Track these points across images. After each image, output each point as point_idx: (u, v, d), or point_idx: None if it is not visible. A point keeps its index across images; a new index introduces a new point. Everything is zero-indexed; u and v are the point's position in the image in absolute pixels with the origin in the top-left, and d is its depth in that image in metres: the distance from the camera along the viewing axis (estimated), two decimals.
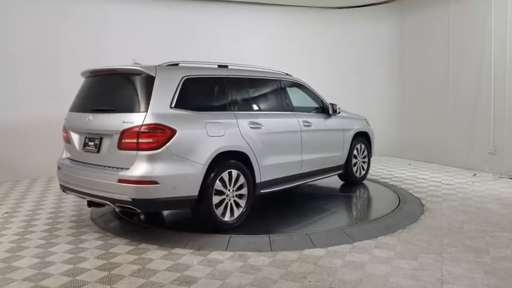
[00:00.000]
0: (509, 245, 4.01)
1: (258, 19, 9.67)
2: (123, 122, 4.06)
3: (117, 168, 4.09)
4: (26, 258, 3.82)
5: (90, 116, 4.42)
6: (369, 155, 7.02)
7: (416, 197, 5.88)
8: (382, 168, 8.38)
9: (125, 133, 4.02)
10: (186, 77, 4.42)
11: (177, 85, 4.31)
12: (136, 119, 4.01)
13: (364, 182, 7.03)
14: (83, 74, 4.89)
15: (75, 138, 4.64)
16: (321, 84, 8.10)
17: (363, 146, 6.83)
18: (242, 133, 4.66)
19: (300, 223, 4.80)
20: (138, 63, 4.54)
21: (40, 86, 7.78)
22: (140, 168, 3.93)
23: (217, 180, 4.32)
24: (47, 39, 7.84)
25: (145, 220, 4.92)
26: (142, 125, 3.97)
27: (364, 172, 6.94)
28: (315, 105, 6.12)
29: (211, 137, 4.34)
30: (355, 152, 6.62)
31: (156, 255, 3.83)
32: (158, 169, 3.95)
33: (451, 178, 7.27)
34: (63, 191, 4.78)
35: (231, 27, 9.36)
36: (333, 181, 6.76)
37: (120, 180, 3.96)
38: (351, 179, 6.71)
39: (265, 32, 9.68)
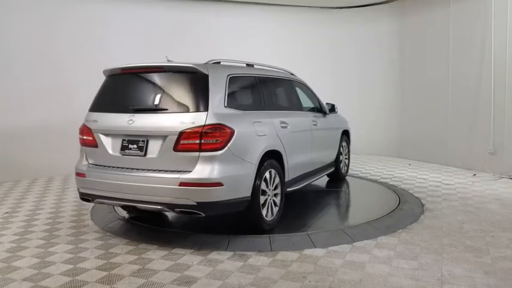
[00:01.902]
0: (509, 245, 4.01)
1: (258, 19, 9.68)
2: (181, 122, 3.84)
3: (174, 171, 3.87)
4: (26, 258, 3.82)
5: (132, 117, 4.07)
6: (349, 152, 7.38)
7: (416, 197, 5.88)
8: (382, 168, 8.38)
9: (184, 134, 3.82)
10: (230, 75, 4.34)
11: (225, 84, 4.20)
12: (197, 119, 3.83)
13: (365, 181, 7.10)
14: (108, 71, 4.51)
15: (107, 141, 4.23)
16: (321, 83, 8.11)
17: (345, 143, 7.11)
18: (277, 132, 4.68)
19: (299, 223, 4.80)
20: (170, 61, 4.45)
21: (40, 86, 7.77)
22: (205, 170, 3.78)
23: (262, 180, 4.29)
24: (47, 40, 7.83)
25: (145, 220, 4.90)
26: (205, 125, 3.80)
27: (346, 168, 7.29)
28: (312, 104, 6.25)
29: (259, 136, 4.34)
30: (340, 149, 6.88)
31: (156, 255, 3.83)
32: (222, 170, 3.83)
33: (451, 178, 7.26)
34: (88, 201, 4.39)
35: (231, 27, 9.36)
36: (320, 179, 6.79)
37: (183, 184, 3.77)
38: (338, 175, 6.97)
39: (265, 32, 9.69)
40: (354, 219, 5.27)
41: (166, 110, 4.02)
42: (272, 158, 4.48)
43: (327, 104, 6.44)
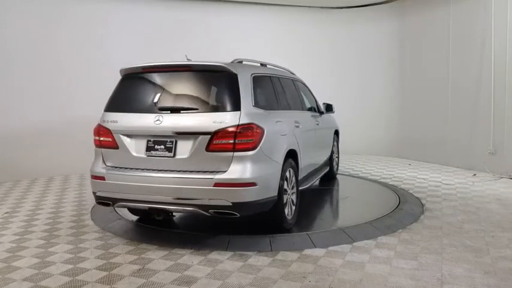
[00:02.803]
0: (509, 245, 4.01)
1: (258, 19, 9.68)
2: (214, 122, 3.77)
3: (206, 171, 3.81)
4: (26, 258, 3.82)
5: (160, 117, 3.95)
6: (339, 150, 7.48)
7: (416, 197, 5.88)
8: (382, 168, 8.38)
9: (218, 134, 3.76)
10: (253, 75, 4.31)
11: (251, 83, 4.16)
12: (231, 119, 3.78)
13: (365, 181, 7.10)
14: (126, 70, 4.35)
15: (130, 142, 4.07)
16: (321, 83, 8.12)
17: (335, 142, 7.17)
18: (293, 131, 4.70)
19: (299, 223, 4.79)
20: (190, 60, 4.43)
21: (40, 86, 7.77)
22: (240, 170, 3.75)
23: (284, 179, 4.28)
24: (47, 40, 7.83)
25: (145, 220, 4.90)
26: (239, 125, 3.76)
27: (337, 166, 7.40)
28: (310, 104, 6.28)
29: (282, 136, 4.35)
30: (333, 148, 6.96)
31: (156, 255, 3.83)
32: (256, 170, 3.80)
33: (451, 178, 7.26)
34: (107, 205, 4.23)
35: (231, 27, 9.36)
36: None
37: (218, 184, 3.71)
38: (332, 174, 7.05)
39: (265, 32, 9.69)
40: (354, 219, 5.24)
41: (197, 109, 3.93)
42: (289, 157, 4.49)
43: (323, 103, 6.51)
